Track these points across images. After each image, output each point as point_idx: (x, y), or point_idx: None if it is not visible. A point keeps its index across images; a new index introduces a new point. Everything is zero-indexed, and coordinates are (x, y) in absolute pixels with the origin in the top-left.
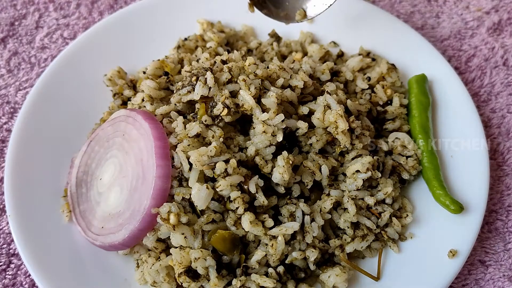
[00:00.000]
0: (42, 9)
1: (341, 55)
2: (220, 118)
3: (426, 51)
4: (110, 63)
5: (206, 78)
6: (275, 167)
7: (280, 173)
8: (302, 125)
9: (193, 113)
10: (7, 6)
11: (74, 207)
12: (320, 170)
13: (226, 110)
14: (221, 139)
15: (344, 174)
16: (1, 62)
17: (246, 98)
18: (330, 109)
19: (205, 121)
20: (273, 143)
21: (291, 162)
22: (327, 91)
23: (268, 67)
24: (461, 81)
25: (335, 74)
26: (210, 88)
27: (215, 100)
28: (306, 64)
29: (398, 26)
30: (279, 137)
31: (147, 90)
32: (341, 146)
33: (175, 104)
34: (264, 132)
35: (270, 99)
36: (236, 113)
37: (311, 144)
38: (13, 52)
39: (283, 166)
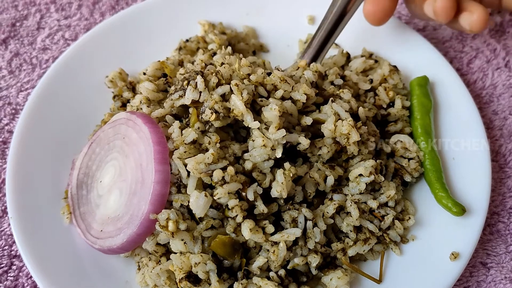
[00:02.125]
0: (43, 10)
1: (347, 57)
2: (210, 124)
3: (428, 53)
4: (112, 65)
5: (196, 82)
6: (273, 180)
7: (278, 192)
8: (304, 142)
9: (187, 119)
10: (9, 7)
11: (74, 209)
12: (325, 180)
13: (214, 116)
14: (218, 145)
15: (347, 178)
16: (3, 63)
17: (237, 103)
18: (340, 118)
19: (198, 128)
20: (272, 158)
21: (291, 175)
22: (331, 99)
23: (269, 74)
24: (462, 82)
25: (342, 79)
26: (200, 92)
27: (204, 106)
28: (308, 72)
29: (399, 27)
30: (279, 153)
31: (145, 92)
32: (348, 154)
33: (171, 109)
34: (264, 146)
35: (272, 112)
36: (226, 118)
37: (319, 155)
38: (14, 53)
39: (282, 183)
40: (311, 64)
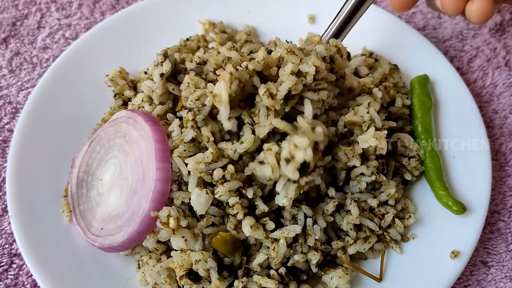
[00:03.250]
0: (44, 9)
1: (348, 55)
2: (195, 121)
3: (428, 52)
4: (112, 64)
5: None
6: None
7: (283, 204)
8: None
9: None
10: (9, 6)
11: (74, 207)
12: (327, 185)
13: (191, 114)
14: (212, 139)
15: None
16: (3, 62)
17: (220, 90)
18: (376, 127)
19: (192, 126)
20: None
21: (301, 192)
22: (369, 103)
23: (270, 52)
24: (463, 81)
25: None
26: (165, 69)
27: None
28: (320, 46)
29: (400, 26)
30: (280, 188)
31: (147, 91)
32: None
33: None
34: (271, 176)
35: (299, 153)
36: (203, 106)
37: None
38: (15, 52)
39: (291, 198)
40: (330, 40)
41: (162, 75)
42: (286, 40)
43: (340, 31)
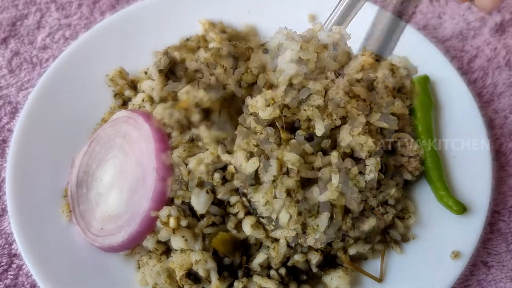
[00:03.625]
0: (43, 9)
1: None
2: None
3: (428, 52)
4: (112, 63)
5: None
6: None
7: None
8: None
9: None
10: (9, 6)
11: (74, 207)
12: None
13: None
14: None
15: None
16: (3, 62)
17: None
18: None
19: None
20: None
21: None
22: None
23: (267, 51)
24: (463, 81)
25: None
26: (163, 64)
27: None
28: (322, 33)
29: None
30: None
31: (148, 91)
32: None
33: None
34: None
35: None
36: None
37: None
38: (14, 52)
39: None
40: (333, 27)
41: (160, 71)
42: (285, 27)
43: (342, 19)
